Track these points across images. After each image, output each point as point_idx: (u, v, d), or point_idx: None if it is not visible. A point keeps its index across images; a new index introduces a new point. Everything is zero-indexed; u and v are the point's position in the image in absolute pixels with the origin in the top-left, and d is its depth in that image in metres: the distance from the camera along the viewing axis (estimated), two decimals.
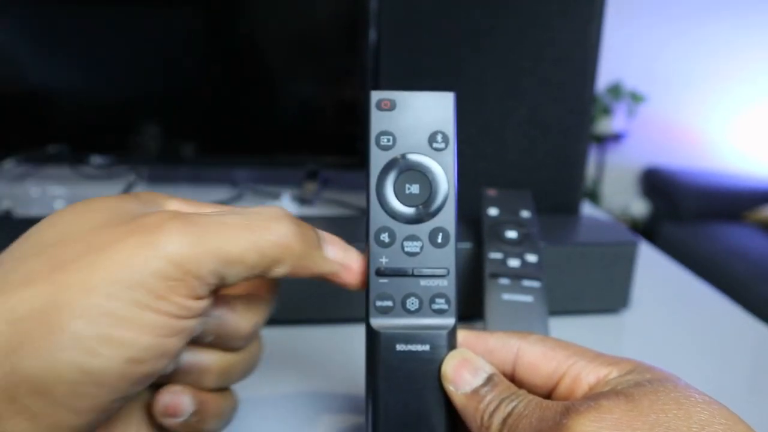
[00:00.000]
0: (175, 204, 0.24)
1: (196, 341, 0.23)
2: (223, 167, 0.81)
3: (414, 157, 0.25)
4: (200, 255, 0.20)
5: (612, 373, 0.23)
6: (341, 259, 0.25)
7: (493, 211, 0.41)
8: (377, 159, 0.25)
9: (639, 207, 2.51)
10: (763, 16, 2.38)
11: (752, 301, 1.08)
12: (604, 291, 0.44)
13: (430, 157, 0.26)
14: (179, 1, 0.68)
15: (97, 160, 0.72)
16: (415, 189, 0.25)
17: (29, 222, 0.47)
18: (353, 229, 0.46)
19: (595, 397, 0.21)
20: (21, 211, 0.64)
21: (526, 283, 0.37)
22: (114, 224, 0.20)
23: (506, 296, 0.36)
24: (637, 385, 0.21)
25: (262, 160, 0.74)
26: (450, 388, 0.24)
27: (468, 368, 0.24)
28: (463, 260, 0.42)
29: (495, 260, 0.38)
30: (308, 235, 0.23)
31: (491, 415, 0.23)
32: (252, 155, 0.74)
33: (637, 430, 0.19)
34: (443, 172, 0.26)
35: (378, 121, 0.25)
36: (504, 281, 0.37)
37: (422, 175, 0.25)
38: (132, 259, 0.19)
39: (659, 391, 0.20)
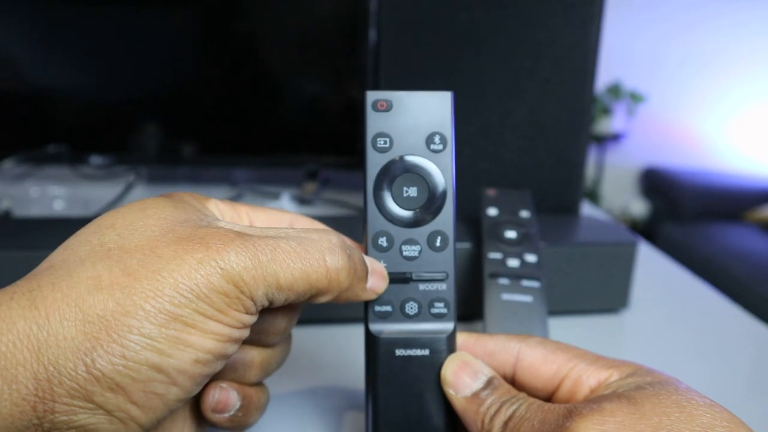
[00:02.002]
0: (214, 206, 0.25)
1: None
2: (222, 167, 0.81)
3: (411, 159, 0.25)
4: (256, 279, 0.21)
5: (613, 376, 0.23)
6: (380, 289, 0.25)
7: (492, 211, 0.41)
8: (374, 161, 0.25)
9: (638, 207, 2.51)
10: (762, 16, 2.38)
11: (752, 301, 1.08)
12: (604, 291, 0.44)
13: (427, 158, 0.25)
14: (179, 2, 0.68)
15: (96, 160, 0.72)
16: (413, 192, 0.25)
17: (29, 222, 0.47)
18: (353, 229, 0.46)
19: (597, 400, 0.21)
20: (21, 211, 0.64)
21: (526, 283, 0.37)
22: (177, 235, 0.21)
23: (506, 296, 0.36)
24: (638, 388, 0.21)
25: (262, 160, 0.74)
26: (450, 391, 0.24)
27: (467, 372, 0.24)
28: (463, 260, 0.42)
29: (494, 260, 0.38)
30: (358, 270, 0.24)
31: (492, 419, 0.23)
32: (252, 155, 0.74)
33: None
34: (441, 174, 0.25)
35: (374, 123, 0.25)
36: (503, 281, 0.37)
37: (420, 177, 0.25)
38: (195, 273, 0.20)
39: (661, 394, 0.20)
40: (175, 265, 0.20)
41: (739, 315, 0.47)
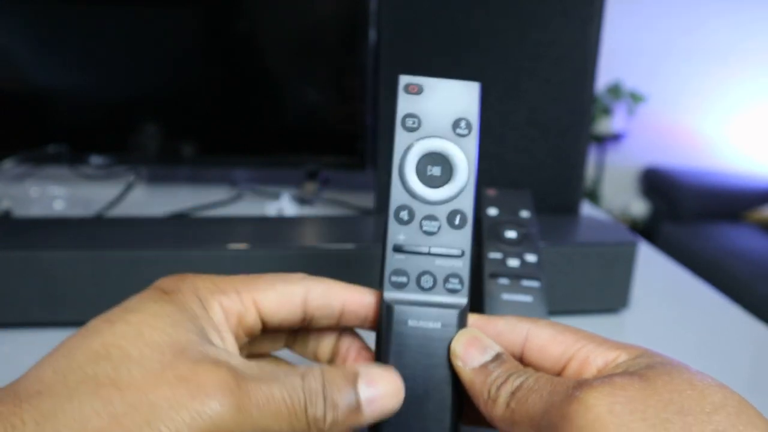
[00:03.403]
0: (218, 306, 0.24)
1: None
2: (222, 167, 0.81)
3: (438, 141, 0.26)
4: (244, 429, 0.20)
5: (621, 356, 0.23)
6: (386, 410, 0.24)
7: (492, 211, 0.41)
8: (402, 139, 0.26)
9: (639, 207, 2.51)
10: (762, 16, 2.38)
11: (752, 301, 1.08)
12: (604, 291, 0.44)
13: (453, 141, 0.26)
14: (179, 1, 0.68)
15: (96, 160, 0.72)
16: (436, 171, 0.26)
17: (29, 222, 0.47)
18: (353, 229, 0.46)
19: (608, 375, 0.21)
20: (21, 211, 0.64)
21: (526, 283, 0.37)
22: (174, 373, 0.20)
23: (506, 296, 0.36)
24: (649, 366, 0.21)
25: (262, 160, 0.74)
26: (458, 363, 0.24)
27: (477, 346, 0.24)
28: None
29: (494, 260, 0.38)
30: (340, 412, 0.23)
31: (499, 388, 0.22)
32: (252, 155, 0.74)
33: (651, 407, 0.19)
34: (465, 157, 0.26)
35: (405, 104, 0.26)
36: (503, 281, 0.37)
37: (444, 158, 0.26)
38: (179, 414, 0.19)
39: (673, 373, 0.20)
40: (167, 418, 0.19)
41: (739, 315, 0.47)
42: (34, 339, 0.39)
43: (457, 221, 0.26)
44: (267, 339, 0.28)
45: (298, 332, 0.28)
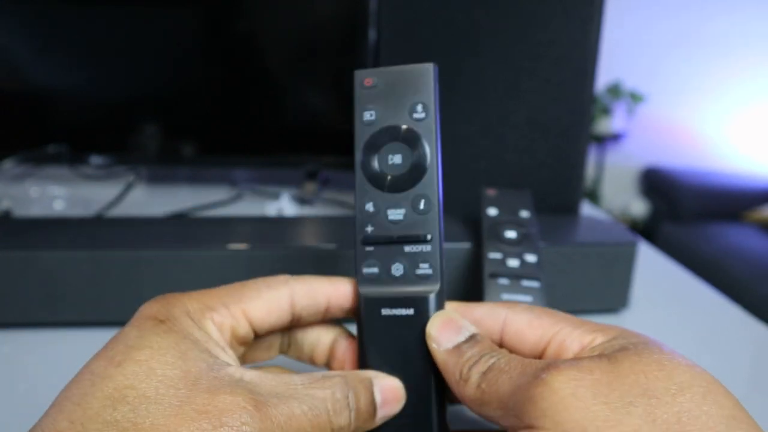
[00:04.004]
0: (211, 324, 0.24)
1: None
2: (222, 167, 0.81)
3: (395, 128, 0.26)
4: None
5: (597, 339, 0.22)
6: (392, 412, 0.25)
7: (492, 211, 0.41)
8: (361, 133, 0.27)
9: (638, 207, 2.51)
10: (761, 16, 2.38)
11: (752, 301, 1.08)
12: (604, 291, 0.44)
13: (411, 126, 0.26)
14: (179, 1, 0.68)
15: (96, 160, 0.72)
16: (397, 159, 0.26)
17: (29, 222, 0.47)
18: (353, 228, 0.46)
19: (577, 357, 0.21)
20: (21, 211, 0.64)
21: (526, 283, 0.36)
22: (192, 408, 0.20)
23: (505, 296, 0.36)
24: (621, 348, 0.21)
25: (262, 160, 0.74)
26: (433, 345, 0.24)
27: (452, 327, 0.24)
28: (463, 260, 0.42)
29: (494, 260, 0.38)
30: (362, 414, 0.23)
31: (470, 369, 0.22)
32: (251, 155, 0.74)
33: (615, 391, 0.19)
34: (424, 141, 0.26)
35: (361, 99, 0.27)
36: (503, 281, 0.37)
37: (403, 145, 0.26)
38: None
39: (643, 353, 0.20)
40: None
41: (739, 315, 0.47)
42: (34, 339, 0.39)
43: (422, 206, 0.26)
44: (261, 347, 0.28)
45: (292, 337, 0.28)
